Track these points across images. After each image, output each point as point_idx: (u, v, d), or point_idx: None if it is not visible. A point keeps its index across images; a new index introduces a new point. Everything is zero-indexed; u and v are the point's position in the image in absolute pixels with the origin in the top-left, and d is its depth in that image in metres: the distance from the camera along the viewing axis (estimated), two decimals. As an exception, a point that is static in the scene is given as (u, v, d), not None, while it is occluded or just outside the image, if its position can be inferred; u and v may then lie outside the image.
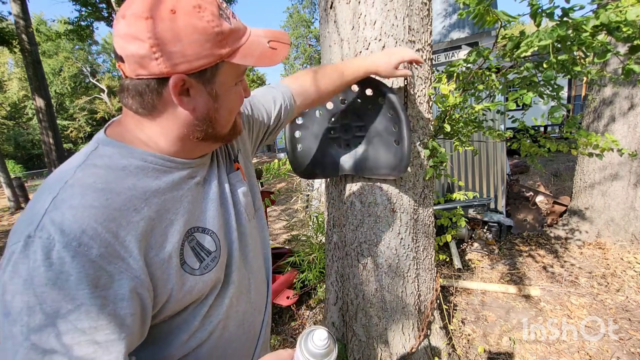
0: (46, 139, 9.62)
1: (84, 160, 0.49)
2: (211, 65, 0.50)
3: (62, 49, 27.63)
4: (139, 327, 0.48)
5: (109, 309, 0.43)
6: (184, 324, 0.58)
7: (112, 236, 0.44)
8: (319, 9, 1.49)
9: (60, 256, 0.40)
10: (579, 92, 10.43)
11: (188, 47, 0.46)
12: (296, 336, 2.25)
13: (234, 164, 0.71)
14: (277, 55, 0.56)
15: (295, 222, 4.07)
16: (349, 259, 1.58)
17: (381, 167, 1.29)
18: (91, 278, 0.41)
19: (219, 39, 0.49)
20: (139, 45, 0.45)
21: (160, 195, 0.52)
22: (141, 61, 0.46)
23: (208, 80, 0.51)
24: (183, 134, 0.54)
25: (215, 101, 0.54)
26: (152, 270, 0.49)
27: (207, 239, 0.58)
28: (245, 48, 0.52)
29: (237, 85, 0.58)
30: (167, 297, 0.52)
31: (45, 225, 0.41)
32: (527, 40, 1.04)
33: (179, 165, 0.56)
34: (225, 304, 0.63)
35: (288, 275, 2.62)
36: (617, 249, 3.14)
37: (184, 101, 0.51)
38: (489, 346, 2.05)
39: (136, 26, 0.45)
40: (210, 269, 0.58)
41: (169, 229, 0.52)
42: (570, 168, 5.93)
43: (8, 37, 9.38)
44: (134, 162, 0.51)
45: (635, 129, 3.12)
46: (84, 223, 0.42)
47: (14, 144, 28.54)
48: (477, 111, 1.52)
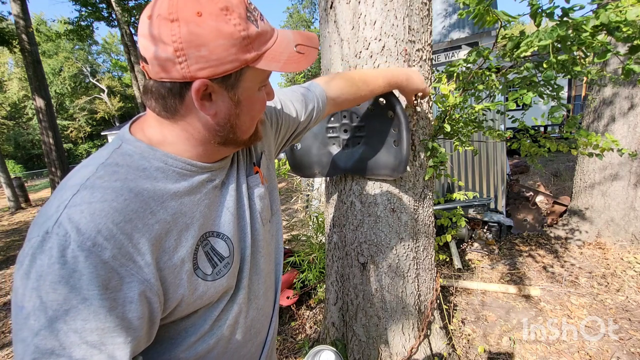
0: (46, 139, 9.62)
1: (107, 157, 0.49)
2: (236, 70, 0.48)
3: (62, 49, 27.64)
4: (146, 330, 0.48)
5: (117, 311, 0.43)
6: (192, 327, 0.57)
7: (126, 238, 0.44)
8: (319, 9, 1.49)
9: (75, 255, 0.40)
10: (579, 92, 10.43)
11: (213, 52, 0.45)
12: (296, 336, 2.25)
13: (254, 167, 0.69)
14: (305, 61, 0.54)
15: (295, 222, 4.06)
16: (349, 259, 1.58)
17: (380, 168, 1.29)
18: (102, 279, 0.41)
19: (245, 44, 0.47)
20: (163, 48, 0.44)
21: (178, 199, 0.52)
22: (165, 64, 0.46)
23: (232, 86, 0.50)
24: (204, 138, 0.54)
25: (237, 107, 0.53)
26: (164, 274, 0.49)
27: (221, 243, 0.58)
28: (272, 52, 0.51)
29: (261, 91, 0.56)
30: (177, 302, 0.51)
31: (63, 222, 0.41)
32: (527, 40, 1.04)
33: (199, 169, 0.55)
34: (234, 310, 0.62)
35: (288, 275, 2.62)
36: (617, 249, 3.14)
37: (206, 106, 0.50)
38: (489, 346, 2.05)
39: (161, 28, 0.44)
40: (223, 275, 0.57)
41: (184, 233, 0.52)
42: (570, 168, 5.93)
43: (8, 37, 9.39)
44: (155, 163, 0.51)
45: (635, 129, 3.12)
46: (100, 223, 0.42)
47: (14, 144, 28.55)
48: (477, 111, 1.52)
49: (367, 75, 0.99)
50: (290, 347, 2.15)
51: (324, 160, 1.37)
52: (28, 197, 10.46)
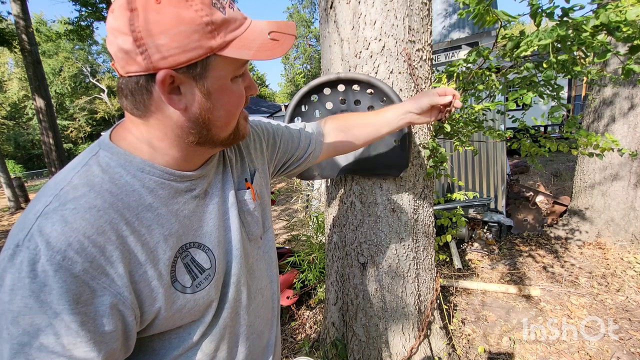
0: (46, 139, 9.62)
1: (83, 165, 0.48)
2: (200, 58, 0.46)
3: (62, 49, 27.64)
4: (122, 342, 0.47)
5: (89, 325, 0.42)
6: (176, 339, 0.56)
7: (98, 251, 0.43)
8: (319, 9, 1.49)
9: (44, 269, 0.40)
10: (579, 92, 10.43)
11: (174, 39, 0.43)
12: (296, 336, 2.25)
13: (246, 183, 0.68)
14: (279, 48, 0.50)
15: (295, 222, 4.06)
16: (349, 259, 1.57)
17: (381, 167, 1.29)
18: (73, 293, 0.41)
19: (208, 30, 0.45)
20: (124, 39, 0.43)
21: (154, 210, 0.50)
22: (127, 57, 0.44)
23: (199, 76, 0.47)
24: (178, 137, 0.51)
25: (209, 99, 0.49)
26: (139, 287, 0.48)
27: (202, 255, 0.56)
28: (242, 40, 0.48)
29: (236, 83, 0.53)
30: (154, 315, 0.50)
31: (34, 235, 0.41)
32: (527, 40, 1.04)
33: (178, 178, 0.54)
34: (219, 325, 0.60)
35: (288, 275, 2.62)
36: (617, 249, 3.14)
37: (175, 100, 0.47)
38: (489, 346, 2.05)
39: (121, 19, 0.43)
40: (203, 287, 0.55)
41: (160, 245, 0.50)
42: (570, 168, 5.93)
43: (8, 37, 9.38)
44: (132, 171, 0.49)
45: (635, 129, 3.12)
46: (71, 236, 0.41)
47: (14, 144, 28.54)
48: (477, 111, 1.52)
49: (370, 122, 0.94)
50: (290, 347, 2.15)
51: (324, 162, 1.37)
52: (28, 197, 10.45)
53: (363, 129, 0.93)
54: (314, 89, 1.26)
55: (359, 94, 1.25)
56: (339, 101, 1.29)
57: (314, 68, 34.83)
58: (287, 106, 1.32)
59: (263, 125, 0.80)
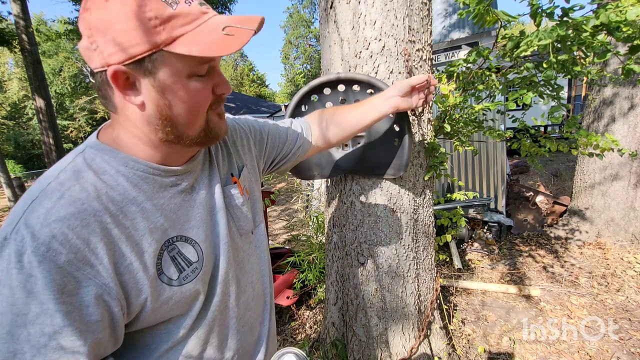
0: (46, 139, 9.61)
1: (70, 162, 0.49)
2: (146, 53, 0.45)
3: (62, 49, 27.64)
4: (108, 334, 0.48)
5: (74, 314, 0.43)
6: (166, 333, 0.57)
7: (82, 242, 0.44)
8: (319, 9, 1.49)
9: (30, 260, 0.41)
10: (579, 92, 10.44)
11: (118, 35, 0.44)
12: (296, 336, 2.25)
13: (232, 178, 0.69)
14: (234, 43, 0.48)
15: (295, 222, 4.06)
16: (349, 259, 1.58)
17: (381, 167, 1.29)
18: (57, 284, 0.42)
19: (152, 25, 0.44)
20: (82, 38, 0.46)
21: (139, 204, 0.51)
22: (87, 54, 0.47)
23: (149, 72, 0.47)
24: (146, 133, 0.52)
25: (163, 96, 0.49)
26: (124, 279, 0.48)
27: (189, 248, 0.57)
28: (192, 35, 0.47)
29: (196, 80, 0.51)
30: (140, 307, 0.51)
31: (20, 228, 0.42)
32: (527, 40, 1.04)
33: (162, 173, 0.55)
34: (208, 318, 0.61)
35: (288, 275, 2.62)
36: (617, 249, 3.14)
37: (131, 95, 0.48)
38: (489, 346, 2.05)
39: (80, 19, 0.46)
40: (190, 280, 0.56)
41: (146, 238, 0.51)
42: (570, 168, 5.93)
43: (8, 37, 9.37)
44: (116, 166, 0.51)
45: (635, 129, 3.12)
46: (55, 228, 0.43)
47: (14, 144, 28.54)
48: (477, 111, 1.53)
49: (355, 114, 0.94)
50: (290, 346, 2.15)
51: (323, 162, 1.37)
52: (28, 197, 10.46)
53: (349, 115, 0.94)
54: (314, 89, 1.26)
55: (359, 94, 1.25)
56: (339, 101, 1.29)
57: (314, 68, 34.83)
58: (287, 106, 1.32)
59: (249, 122, 0.81)
